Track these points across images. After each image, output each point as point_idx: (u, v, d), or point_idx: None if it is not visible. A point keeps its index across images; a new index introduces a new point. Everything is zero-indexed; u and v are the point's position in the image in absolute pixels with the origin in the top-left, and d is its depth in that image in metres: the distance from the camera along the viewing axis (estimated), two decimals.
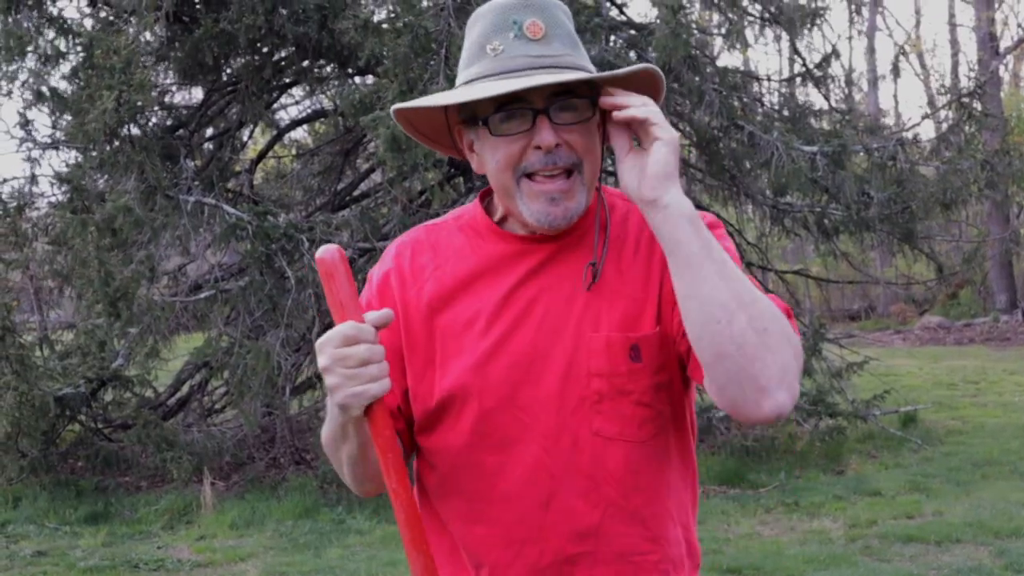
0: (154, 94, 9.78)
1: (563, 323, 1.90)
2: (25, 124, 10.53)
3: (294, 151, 13.44)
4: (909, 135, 11.81)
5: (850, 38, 30.66)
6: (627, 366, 1.87)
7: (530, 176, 1.87)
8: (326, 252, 1.74)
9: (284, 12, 9.42)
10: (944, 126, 12.56)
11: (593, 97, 1.90)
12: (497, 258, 1.96)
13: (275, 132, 12.60)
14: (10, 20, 9.94)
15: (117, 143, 9.10)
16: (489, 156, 1.90)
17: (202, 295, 9.28)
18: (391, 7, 9.74)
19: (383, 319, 1.75)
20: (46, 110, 10.58)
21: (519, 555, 1.91)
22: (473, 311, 1.93)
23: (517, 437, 1.89)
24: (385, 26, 8.89)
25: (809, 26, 11.30)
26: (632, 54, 10.02)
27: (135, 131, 9.22)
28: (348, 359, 1.69)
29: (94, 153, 9.32)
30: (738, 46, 12.13)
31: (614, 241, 1.96)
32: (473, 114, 1.91)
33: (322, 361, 1.72)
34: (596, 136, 1.92)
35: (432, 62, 8.24)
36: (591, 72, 1.89)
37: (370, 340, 1.70)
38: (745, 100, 10.77)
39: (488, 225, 1.99)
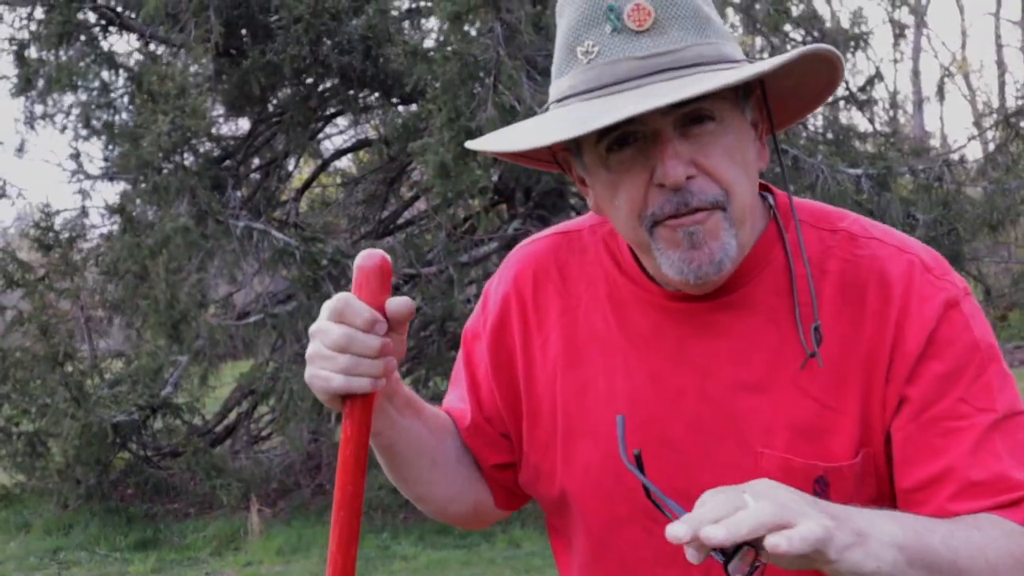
0: (205, 122, 9.89)
1: (723, 425, 1.41)
2: (76, 156, 10.68)
3: (339, 180, 13.51)
4: (955, 156, 11.79)
5: (894, 60, 30.48)
6: None
7: (662, 222, 1.35)
8: (369, 258, 1.39)
9: (328, 42, 9.53)
10: (991, 146, 12.48)
11: (744, 86, 1.38)
12: (640, 317, 1.49)
13: (320, 162, 12.68)
14: (62, 55, 10.12)
15: (170, 167, 9.22)
16: (607, 199, 1.41)
17: (251, 319, 9.35)
18: (439, 34, 9.81)
19: (403, 309, 1.37)
20: (98, 143, 10.75)
21: None
22: (607, 384, 1.49)
23: (650, 563, 1.47)
24: (433, 53, 8.95)
25: (852, 50, 11.27)
26: None
27: (187, 159, 9.35)
28: (323, 334, 1.34)
29: (143, 184, 9.45)
30: None
31: (801, 307, 1.41)
32: (576, 142, 1.39)
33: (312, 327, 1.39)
34: (749, 146, 1.40)
35: (479, 89, 8.28)
36: (732, 65, 1.34)
37: (357, 325, 1.33)
38: None
39: (633, 269, 1.50)
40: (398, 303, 1.37)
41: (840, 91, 12.22)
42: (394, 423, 1.49)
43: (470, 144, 1.47)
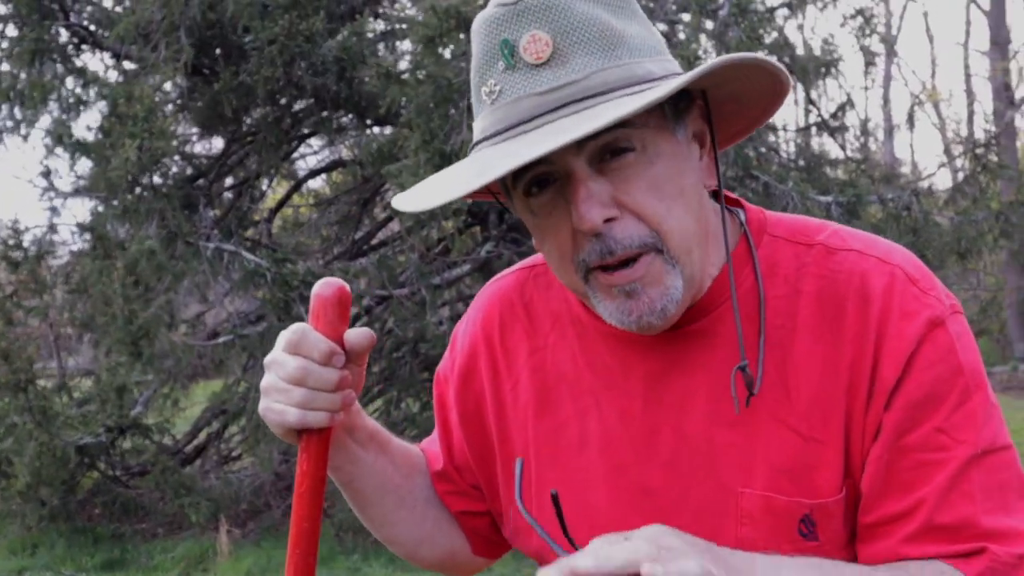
0: (174, 143, 9.89)
1: (700, 465, 1.32)
2: (47, 174, 10.66)
3: (312, 200, 13.52)
4: (924, 185, 11.89)
5: (865, 88, 30.81)
6: (794, 544, 1.25)
7: (598, 269, 1.26)
8: (326, 287, 1.34)
9: (303, 64, 9.53)
10: (960, 175, 12.61)
11: (674, 102, 1.26)
12: (607, 355, 1.40)
13: (293, 182, 12.69)
14: (34, 71, 10.11)
15: (139, 190, 9.22)
16: (539, 244, 1.34)
17: (220, 340, 9.34)
18: (413, 57, 9.85)
19: (363, 341, 1.32)
20: (67, 158, 10.73)
21: None
22: (579, 428, 1.41)
23: None
24: (406, 76, 8.99)
25: (823, 76, 11.37)
26: None
27: (156, 180, 9.34)
28: (278, 366, 1.30)
29: (115, 203, 9.44)
30: None
31: (775, 331, 1.30)
32: (503, 184, 1.31)
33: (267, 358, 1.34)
34: (686, 168, 1.28)
35: (453, 112, 8.31)
36: (647, 85, 1.20)
37: (314, 357, 1.28)
38: (761, 150, 10.82)
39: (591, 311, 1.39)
40: (357, 335, 1.32)
41: (812, 117, 12.34)
42: (355, 458, 1.45)
43: (395, 204, 1.32)
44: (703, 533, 1.23)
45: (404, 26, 10.64)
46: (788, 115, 16.65)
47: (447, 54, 8.63)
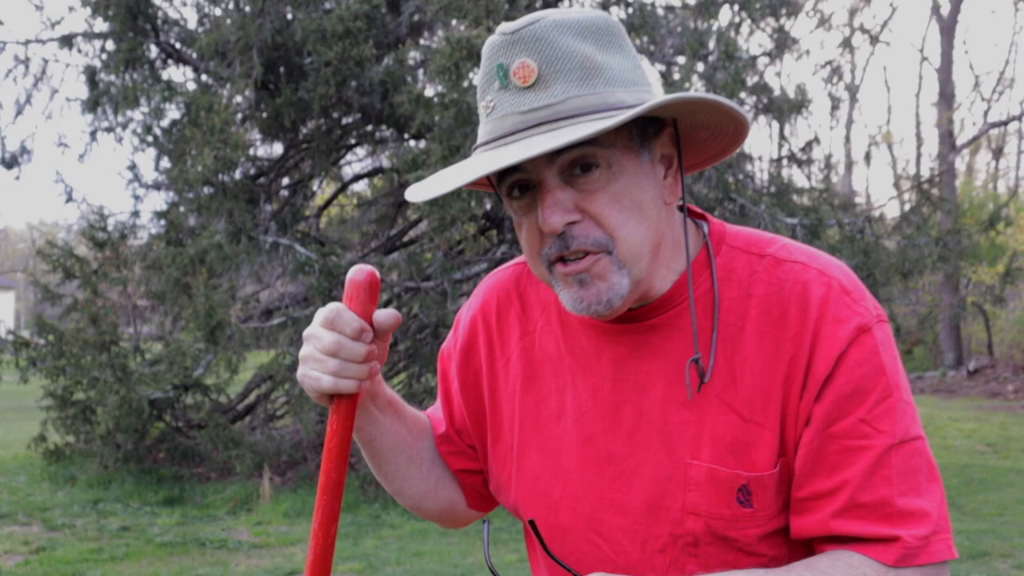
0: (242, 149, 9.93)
1: (657, 438, 1.33)
2: (133, 167, 10.70)
3: (355, 201, 13.52)
4: (876, 213, 11.86)
5: (830, 128, 30.76)
6: (732, 510, 1.28)
7: (556, 262, 1.29)
8: (359, 273, 1.33)
9: (353, 84, 9.55)
10: (906, 207, 12.59)
11: (642, 129, 1.28)
12: (584, 339, 1.41)
13: (340, 184, 12.68)
14: (127, 79, 10.15)
15: (212, 189, 9.24)
16: (519, 236, 1.34)
17: (275, 321, 9.37)
18: (440, 85, 9.87)
19: (389, 321, 1.32)
20: (151, 156, 10.79)
21: None
22: (558, 400, 1.42)
23: (591, 566, 1.37)
24: (435, 100, 9.00)
25: (795, 116, 11.34)
26: None
27: (226, 179, 9.38)
28: (315, 339, 1.30)
29: (191, 195, 9.47)
30: None
31: (726, 328, 1.32)
32: (493, 182, 1.35)
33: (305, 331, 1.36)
34: (647, 187, 1.28)
35: (471, 131, 8.31)
36: (614, 112, 1.21)
37: (346, 333, 1.29)
38: (739, 177, 10.80)
39: None
40: (384, 315, 1.32)
41: (784, 151, 12.30)
42: (375, 421, 1.46)
43: (407, 194, 1.34)
44: (656, 497, 1.32)
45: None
46: (763, 148, 16.60)
47: (465, 83, 8.64)
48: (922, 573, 1.23)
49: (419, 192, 1.31)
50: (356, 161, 12.66)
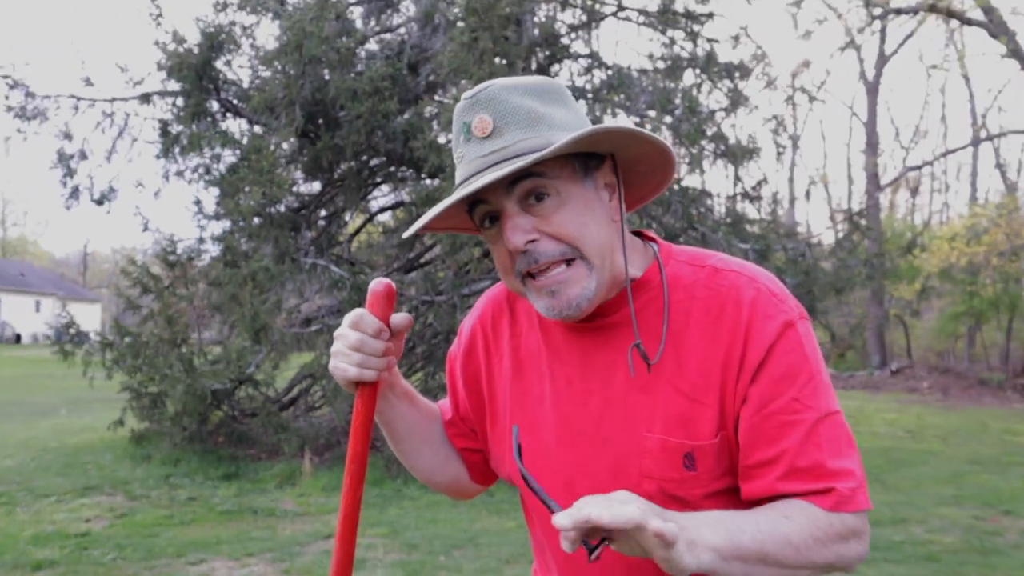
0: (286, 187, 9.98)
1: (618, 416, 1.34)
2: (197, 202, 10.77)
3: (380, 229, 13.54)
4: (815, 240, 11.90)
5: (776, 170, 30.87)
6: (680, 473, 1.29)
7: (527, 276, 1.32)
8: (378, 284, 1.36)
9: (379, 133, 9.61)
10: (840, 235, 12.63)
11: (584, 162, 1.31)
12: (558, 337, 1.43)
13: (368, 215, 12.69)
14: (192, 128, 10.23)
15: (261, 220, 9.30)
16: (494, 261, 1.38)
17: (313, 328, 9.41)
18: (450, 134, 9.91)
19: (403, 323, 1.35)
20: (213, 192, 10.85)
21: None
22: (539, 388, 1.44)
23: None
24: (446, 146, 9.06)
25: (747, 160, 11.38)
26: None
27: (273, 211, 9.44)
28: (343, 337, 1.34)
29: (244, 224, 9.53)
30: (697, 171, 12.16)
31: (674, 324, 1.33)
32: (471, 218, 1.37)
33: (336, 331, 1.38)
34: (594, 206, 1.30)
35: None
36: (550, 146, 1.24)
37: (367, 332, 1.32)
38: (701, 210, 10.84)
39: None
40: (399, 318, 1.35)
41: (738, 188, 12.28)
42: (393, 406, 1.48)
43: (408, 233, 1.40)
44: (618, 465, 1.33)
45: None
46: (721, 186, 16.59)
47: None
48: (853, 517, 1.25)
49: (413, 228, 1.36)
50: (381, 196, 12.67)
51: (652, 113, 10.39)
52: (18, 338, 48.70)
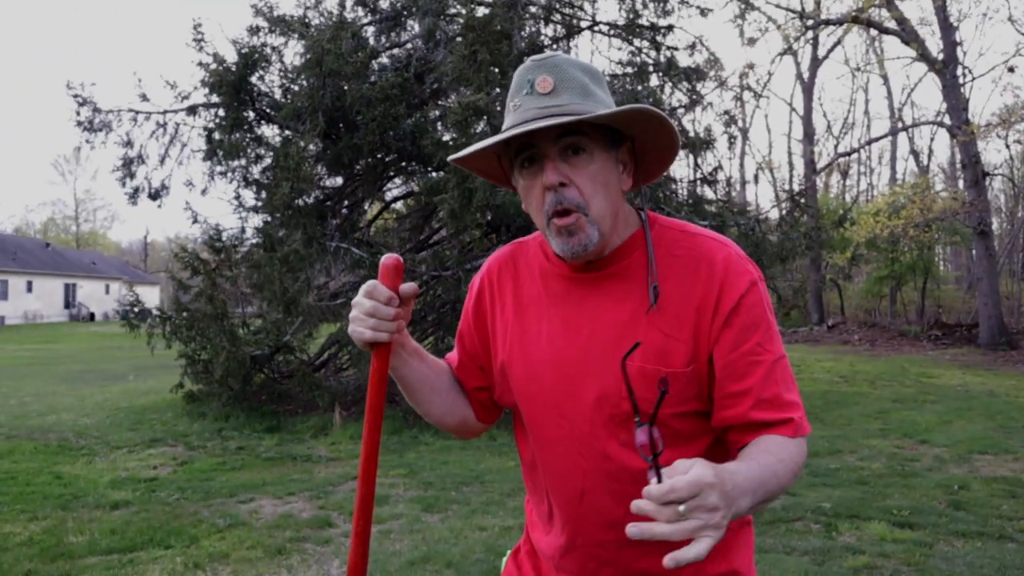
0: (313, 182, 9.90)
1: (605, 348, 1.36)
2: (238, 197, 10.68)
3: (394, 215, 13.50)
4: (762, 217, 11.83)
5: (729, 158, 30.73)
6: (654, 393, 1.30)
7: (553, 216, 1.34)
8: (388, 258, 1.35)
9: (391, 134, 9.53)
10: (783, 212, 12.58)
11: (612, 136, 1.33)
12: (557, 285, 1.44)
13: (383, 204, 12.65)
14: (232, 135, 10.12)
15: (291, 211, 9.22)
16: (525, 199, 1.37)
17: (338, 301, 9.37)
18: (453, 133, 9.86)
19: (410, 291, 1.34)
20: (251, 189, 10.75)
21: (564, 530, 1.45)
22: (537, 328, 1.44)
23: (558, 438, 1.40)
24: (450, 143, 8.98)
25: (704, 150, 11.32)
26: None
27: (301, 203, 9.36)
28: (359, 305, 1.32)
29: (278, 215, 9.45)
30: None
31: (657, 274, 1.37)
32: (511, 160, 1.38)
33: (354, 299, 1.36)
34: (612, 175, 1.34)
35: None
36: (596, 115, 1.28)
37: (380, 300, 1.31)
38: (666, 193, 10.79)
39: (552, 256, 1.45)
40: (407, 287, 1.35)
41: (697, 174, 12.23)
42: (405, 362, 1.46)
43: (451, 159, 1.39)
44: (601, 390, 1.34)
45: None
46: (683, 172, 16.49)
47: (472, 131, 8.65)
48: (804, 441, 1.29)
49: (458, 155, 1.37)
50: (395, 187, 12.60)
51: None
52: (92, 317, 48.73)
